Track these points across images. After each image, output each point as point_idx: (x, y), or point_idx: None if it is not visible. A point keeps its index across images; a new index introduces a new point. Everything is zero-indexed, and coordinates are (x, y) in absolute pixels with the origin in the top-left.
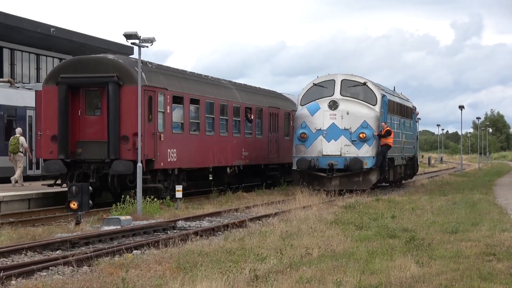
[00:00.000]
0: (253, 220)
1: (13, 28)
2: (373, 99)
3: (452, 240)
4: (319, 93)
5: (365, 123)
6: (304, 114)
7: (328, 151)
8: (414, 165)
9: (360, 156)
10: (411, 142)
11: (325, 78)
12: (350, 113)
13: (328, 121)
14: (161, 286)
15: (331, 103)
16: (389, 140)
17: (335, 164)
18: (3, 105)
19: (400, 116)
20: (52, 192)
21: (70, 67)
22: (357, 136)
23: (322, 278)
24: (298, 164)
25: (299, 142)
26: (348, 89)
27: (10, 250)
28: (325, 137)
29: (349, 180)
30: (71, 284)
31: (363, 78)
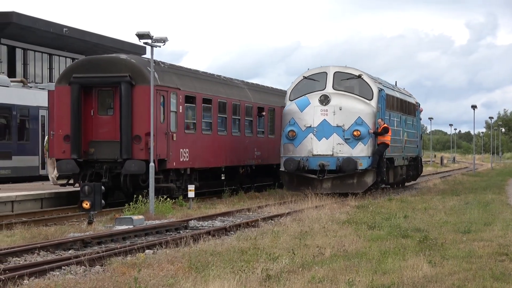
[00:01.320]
0: (265, 220)
1: (26, 28)
2: (369, 93)
3: (465, 240)
4: (310, 87)
5: (359, 120)
6: (292, 110)
7: (318, 150)
8: (417, 165)
9: (354, 156)
10: (414, 141)
11: (316, 70)
12: (343, 109)
13: (319, 118)
14: (173, 286)
15: (322, 98)
16: (387, 138)
17: (326, 165)
18: (16, 105)
19: (401, 112)
20: (65, 192)
21: (82, 67)
22: (351, 134)
23: (334, 278)
24: (286, 165)
25: (287, 141)
26: (341, 83)
27: (23, 250)
28: (315, 135)
29: (342, 182)
30: (84, 283)
31: (358, 70)
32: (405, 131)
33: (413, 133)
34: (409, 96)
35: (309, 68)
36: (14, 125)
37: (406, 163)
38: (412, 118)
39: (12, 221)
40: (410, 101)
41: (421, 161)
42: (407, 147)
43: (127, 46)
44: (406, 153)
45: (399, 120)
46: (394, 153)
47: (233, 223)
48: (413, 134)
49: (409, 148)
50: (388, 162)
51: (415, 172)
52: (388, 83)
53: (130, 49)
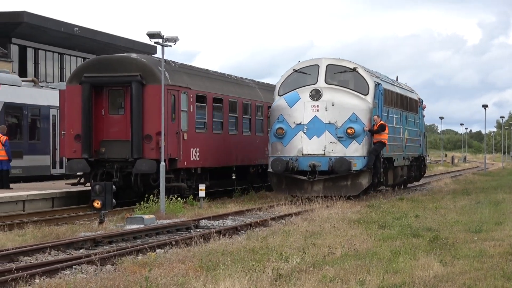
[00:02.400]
0: (276, 219)
1: (37, 28)
2: (365, 87)
3: (476, 240)
4: (300, 81)
5: (354, 116)
6: (281, 105)
7: (309, 149)
8: (420, 166)
9: (348, 155)
10: (416, 139)
11: (307, 63)
12: (336, 104)
13: (309, 114)
14: (184, 285)
15: (313, 93)
16: (383, 136)
17: (317, 166)
18: (27, 104)
19: (402, 109)
20: (76, 191)
21: (93, 67)
22: (344, 132)
23: (345, 277)
24: (273, 166)
25: (275, 139)
26: (334, 76)
27: (34, 249)
28: (305, 133)
29: (335, 184)
30: (95, 283)
31: (352, 63)
32: (406, 129)
33: (415, 131)
34: (411, 91)
35: (300, 61)
36: (25, 124)
37: (407, 163)
38: (414, 115)
39: (23, 220)
40: (412, 97)
41: (425, 161)
42: (408, 146)
43: (138, 45)
44: (407, 152)
45: (399, 117)
46: (393, 152)
47: (243, 223)
48: (415, 132)
49: (410, 147)
50: (387, 162)
51: (417, 172)
52: (388, 77)
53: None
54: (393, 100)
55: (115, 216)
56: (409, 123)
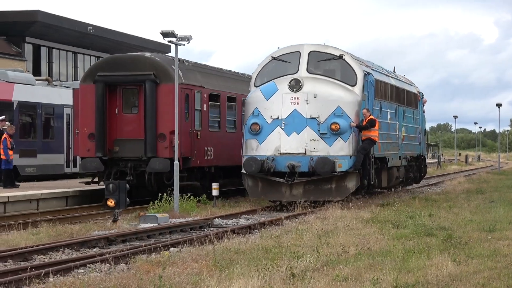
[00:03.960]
0: (289, 218)
1: (51, 27)
2: (352, 77)
3: (490, 239)
4: (280, 70)
5: (339, 110)
6: (256, 98)
7: (287, 148)
8: (420, 166)
9: (332, 155)
10: (415, 137)
11: (287, 49)
12: (319, 96)
13: (288, 107)
14: (197, 284)
15: (293, 83)
16: (373, 133)
17: (297, 166)
18: (41, 103)
19: (398, 103)
20: (90, 190)
21: (107, 65)
22: (327, 128)
23: (358, 276)
24: (246, 166)
25: (250, 136)
26: (318, 65)
27: (48, 248)
28: (284, 129)
29: (317, 187)
30: (108, 281)
31: (339, 49)
32: (403, 125)
33: (413, 127)
34: (410, 84)
35: (280, 47)
36: (39, 123)
37: (404, 163)
38: (413, 110)
39: (37, 219)
40: (410, 90)
41: (425, 161)
42: (405, 145)
43: (152, 44)
44: (405, 151)
45: (394, 112)
46: (387, 151)
47: (257, 221)
48: (414, 129)
49: (408, 146)
50: (379, 162)
51: (417, 173)
52: (382, 68)
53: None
54: (386, 92)
55: (129, 215)
56: (407, 118)
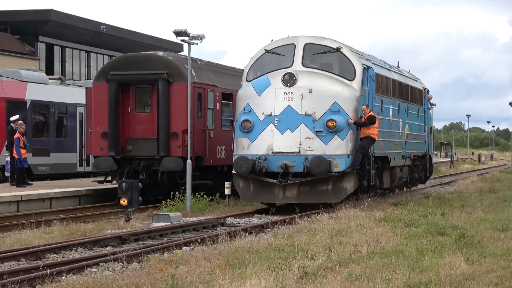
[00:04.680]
0: (302, 217)
1: (64, 26)
2: (350, 71)
3: (503, 238)
4: (274, 64)
5: (335, 106)
6: (248, 93)
7: (281, 146)
8: (426, 166)
9: (328, 154)
10: (420, 135)
11: (282, 42)
12: (315, 92)
13: (281, 103)
14: (210, 283)
15: (287, 77)
16: (372, 130)
17: (290, 166)
18: (54, 102)
19: (401, 99)
20: (102, 189)
21: (120, 64)
22: (323, 125)
23: (371, 275)
24: (237, 166)
25: (241, 134)
26: (314, 58)
27: (61, 246)
28: (277, 126)
29: (312, 189)
30: (121, 280)
31: (336, 42)
32: (407, 123)
33: (418, 125)
34: (415, 80)
35: (273, 39)
36: (52, 122)
37: (408, 162)
38: (418, 107)
39: (50, 218)
40: (415, 86)
41: (431, 160)
42: (409, 143)
43: (165, 43)
44: (409, 150)
45: (397, 109)
46: (388, 150)
47: (269, 220)
48: (419, 127)
49: (412, 144)
50: (380, 162)
51: (422, 173)
52: (384, 62)
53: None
54: (388, 88)
55: (142, 214)
56: (411, 116)
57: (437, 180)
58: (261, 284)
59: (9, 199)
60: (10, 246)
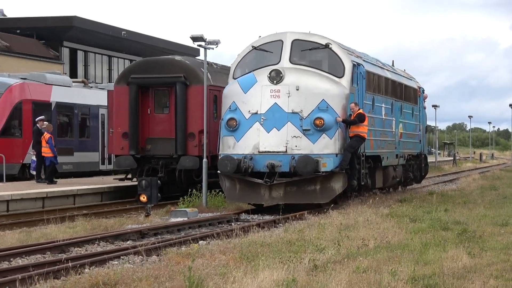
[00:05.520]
0: (312, 213)
1: (87, 32)
2: (339, 68)
3: (503, 233)
4: (261, 61)
5: (323, 104)
6: (233, 91)
7: (267, 145)
8: (420, 165)
9: (316, 153)
10: (414, 134)
11: (269, 38)
12: (302, 89)
13: (268, 101)
14: (225, 275)
15: (273, 74)
16: (362, 129)
17: (277, 166)
18: (77, 104)
19: (394, 98)
20: (123, 186)
21: (140, 68)
22: (311, 123)
23: (378, 268)
24: (221, 166)
25: (226, 133)
26: (303, 55)
27: (84, 240)
28: (263, 124)
29: (299, 189)
30: (141, 272)
31: (325, 38)
32: (401, 122)
33: (413, 124)
34: (409, 78)
35: (261, 36)
36: (75, 123)
37: (402, 162)
38: (412, 106)
39: (74, 213)
40: (409, 85)
41: (426, 160)
42: (403, 142)
43: (182, 48)
44: (402, 149)
45: (390, 107)
46: (381, 149)
47: (281, 216)
48: (413, 126)
49: (406, 144)
50: (372, 161)
51: (417, 173)
52: (377, 60)
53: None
54: (381, 86)
55: (160, 210)
56: (405, 115)
57: (441, 178)
58: (273, 276)
59: (35, 195)
60: (36, 240)
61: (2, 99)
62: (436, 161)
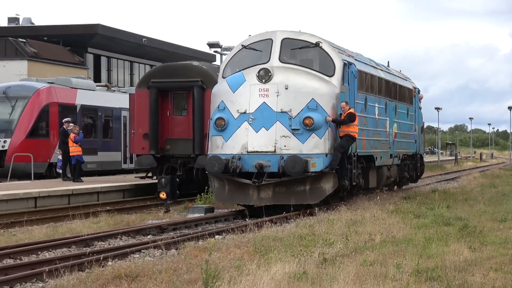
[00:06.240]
0: (321, 209)
1: (110, 39)
2: (330, 67)
3: (502, 228)
4: (251, 60)
5: (313, 103)
6: (222, 90)
7: (255, 145)
8: (416, 165)
9: (305, 153)
10: (410, 134)
11: (259, 37)
12: (291, 88)
13: (256, 100)
14: (240, 267)
15: (262, 73)
16: (352, 128)
17: (265, 166)
18: (101, 106)
19: (388, 97)
20: (144, 184)
21: (159, 73)
22: (300, 123)
23: (383, 261)
24: (209, 166)
25: (215, 133)
26: (292, 53)
27: (107, 235)
28: (251, 124)
29: (289, 190)
30: (160, 265)
31: (315, 36)
32: (395, 122)
33: (408, 124)
34: (404, 79)
35: (251, 35)
36: (99, 124)
37: (396, 162)
38: (407, 106)
39: (97, 209)
40: (404, 85)
41: (422, 159)
42: (398, 142)
43: (199, 54)
44: (397, 149)
45: (383, 107)
46: (374, 149)
47: (292, 212)
48: (409, 126)
49: (401, 143)
50: (365, 161)
51: (413, 172)
52: (371, 60)
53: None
54: (374, 85)
55: (179, 206)
56: (400, 115)
57: (443, 176)
58: (285, 269)
59: (61, 193)
60: (62, 234)
61: (31, 102)
62: (438, 160)
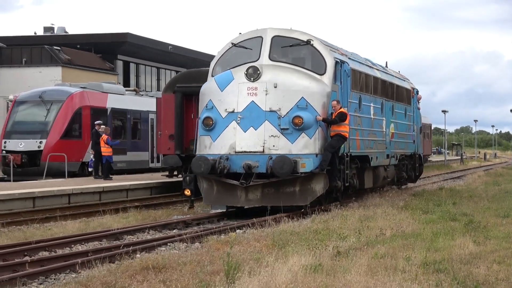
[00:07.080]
0: (336, 206)
1: (138, 46)
2: (321, 65)
3: (505, 223)
4: (241, 58)
5: (303, 102)
6: (210, 88)
7: (244, 145)
8: (415, 165)
9: (295, 153)
10: (408, 134)
11: (249, 35)
12: (280, 86)
13: (245, 99)
14: (259, 260)
15: (250, 71)
16: (343, 128)
17: (254, 167)
18: (130, 109)
19: (384, 97)
20: (170, 182)
21: (184, 78)
22: (289, 122)
23: (393, 254)
24: (195, 167)
25: (203, 132)
26: (282, 51)
27: (136, 229)
28: (239, 123)
29: (278, 191)
30: (185, 257)
31: (307, 34)
32: (392, 122)
33: (406, 124)
34: (402, 79)
35: (241, 33)
36: (128, 126)
37: (394, 162)
38: (405, 107)
39: (127, 205)
40: (401, 85)
41: (421, 159)
42: (395, 142)
43: None
44: (394, 149)
45: (379, 107)
46: (369, 149)
47: (309, 208)
48: (406, 126)
49: (399, 144)
50: (360, 161)
51: (411, 173)
52: (366, 59)
53: None
54: (369, 85)
55: (202, 202)
56: (397, 115)
57: (449, 174)
58: (301, 261)
59: (93, 190)
60: (94, 229)
61: (64, 105)
62: (445, 160)
